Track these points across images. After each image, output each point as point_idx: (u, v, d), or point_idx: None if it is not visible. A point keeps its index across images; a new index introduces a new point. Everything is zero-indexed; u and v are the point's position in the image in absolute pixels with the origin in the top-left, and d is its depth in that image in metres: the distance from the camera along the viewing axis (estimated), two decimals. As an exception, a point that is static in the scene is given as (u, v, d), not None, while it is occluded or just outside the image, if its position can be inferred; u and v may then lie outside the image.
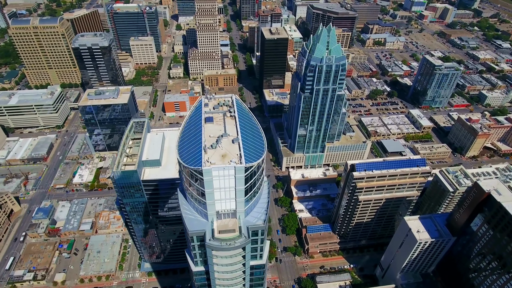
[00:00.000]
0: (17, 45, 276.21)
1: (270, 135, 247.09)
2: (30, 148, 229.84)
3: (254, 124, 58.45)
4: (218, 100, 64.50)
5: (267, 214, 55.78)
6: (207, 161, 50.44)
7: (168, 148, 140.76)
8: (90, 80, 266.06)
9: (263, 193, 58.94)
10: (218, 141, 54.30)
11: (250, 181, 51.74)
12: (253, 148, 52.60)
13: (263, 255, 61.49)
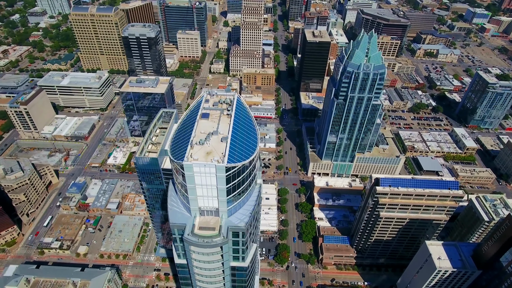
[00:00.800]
0: (75, 31, 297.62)
1: (301, 138, 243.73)
2: (74, 126, 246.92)
3: (250, 125, 57.72)
4: (220, 97, 64.57)
5: (251, 217, 54.84)
6: (191, 156, 50.83)
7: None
8: (135, 68, 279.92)
9: (252, 195, 58.07)
10: (207, 138, 54.41)
11: (233, 181, 51.22)
12: (241, 149, 51.89)
13: (246, 258, 60.60)
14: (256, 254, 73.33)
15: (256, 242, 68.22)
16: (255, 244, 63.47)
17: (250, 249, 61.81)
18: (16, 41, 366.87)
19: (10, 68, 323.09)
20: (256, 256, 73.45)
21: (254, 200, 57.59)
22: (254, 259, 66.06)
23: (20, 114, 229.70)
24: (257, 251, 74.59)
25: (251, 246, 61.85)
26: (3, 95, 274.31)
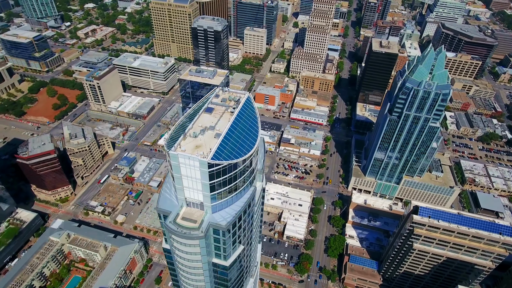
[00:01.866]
0: (153, 18, 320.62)
1: (349, 150, 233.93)
2: (136, 105, 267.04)
3: (251, 127, 56.57)
4: (230, 94, 64.47)
5: (235, 218, 54.14)
6: (179, 147, 51.71)
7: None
8: (199, 59, 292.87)
9: (243, 196, 57.21)
10: (202, 131, 54.83)
11: (218, 178, 50.84)
12: (233, 148, 51.30)
13: (228, 257, 60.16)
14: (250, 256, 72.40)
15: (251, 244, 67.34)
16: (242, 246, 62.62)
17: (235, 249, 61.26)
18: (104, 22, 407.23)
19: (95, 45, 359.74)
20: (250, 258, 72.48)
21: (244, 201, 56.70)
22: (241, 260, 65.33)
23: (93, 87, 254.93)
24: (253, 253, 73.69)
25: (236, 247, 61.25)
26: (84, 69, 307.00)
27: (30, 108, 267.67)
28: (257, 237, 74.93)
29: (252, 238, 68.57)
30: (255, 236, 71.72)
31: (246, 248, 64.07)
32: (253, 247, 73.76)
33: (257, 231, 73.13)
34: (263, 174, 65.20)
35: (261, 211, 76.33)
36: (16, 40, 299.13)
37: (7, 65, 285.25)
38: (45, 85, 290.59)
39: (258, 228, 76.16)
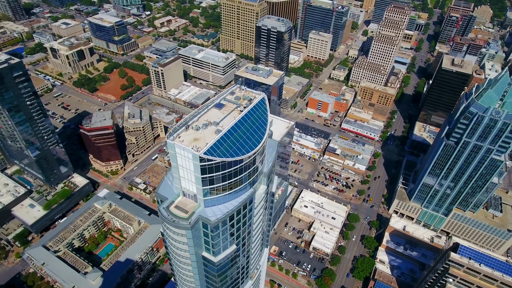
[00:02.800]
0: (222, 13, 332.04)
1: (397, 171, 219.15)
2: (193, 95, 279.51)
3: (258, 129, 55.20)
4: (245, 92, 63.76)
5: (225, 216, 53.63)
6: (178, 137, 52.65)
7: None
8: (260, 57, 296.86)
9: (239, 197, 56.51)
10: (205, 126, 55.09)
11: (210, 173, 50.65)
12: (230, 146, 50.86)
13: (217, 254, 60.04)
14: (249, 258, 71.25)
15: (249, 246, 66.12)
16: (235, 246, 62.00)
17: (226, 248, 60.97)
18: (179, 14, 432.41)
19: (168, 35, 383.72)
20: (248, 260, 71.42)
21: (239, 201, 56.04)
22: (234, 259, 64.78)
23: (157, 73, 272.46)
24: (253, 256, 72.46)
25: (227, 246, 60.92)
26: (154, 55, 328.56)
27: (102, 86, 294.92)
28: (260, 241, 73.84)
29: (251, 240, 67.77)
30: (257, 239, 70.84)
31: (240, 248, 63.70)
32: (254, 250, 73.00)
33: (260, 235, 72.08)
34: (271, 178, 64.08)
35: (269, 215, 75.18)
36: (101, 24, 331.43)
37: (90, 45, 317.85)
38: (118, 66, 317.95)
39: (263, 232, 74.91)
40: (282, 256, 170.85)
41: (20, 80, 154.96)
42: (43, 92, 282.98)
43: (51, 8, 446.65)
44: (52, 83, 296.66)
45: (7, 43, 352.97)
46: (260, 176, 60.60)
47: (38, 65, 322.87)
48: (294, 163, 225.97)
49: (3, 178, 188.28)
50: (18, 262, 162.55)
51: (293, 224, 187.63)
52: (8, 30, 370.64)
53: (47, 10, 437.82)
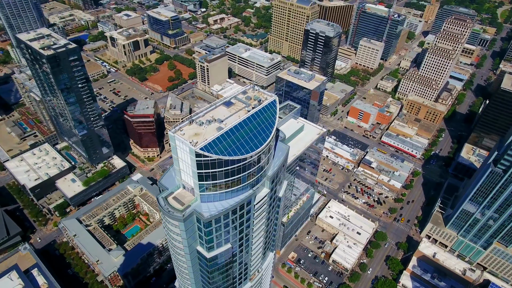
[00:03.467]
0: (273, 14, 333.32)
1: (436, 193, 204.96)
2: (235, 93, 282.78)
3: (263, 131, 54.08)
4: (257, 93, 62.71)
5: (219, 213, 53.48)
6: (180, 130, 53.33)
7: (298, 139, 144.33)
8: (305, 60, 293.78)
9: (236, 197, 55.97)
10: (208, 122, 55.17)
11: (206, 169, 50.62)
12: (229, 145, 50.50)
13: (211, 250, 60.05)
14: (248, 259, 70.50)
15: (248, 247, 65.41)
16: (229, 245, 61.66)
17: (220, 245, 60.85)
18: (233, 13, 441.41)
19: (219, 32, 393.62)
20: (247, 261, 70.69)
21: (236, 201, 55.53)
22: (230, 258, 64.52)
23: (203, 68, 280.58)
24: (255, 258, 71.62)
25: (222, 243, 60.81)
26: (203, 51, 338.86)
27: (152, 76, 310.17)
28: (261, 244, 72.80)
29: (249, 242, 67.12)
30: (258, 242, 70.07)
31: (235, 248, 63.39)
32: (255, 252, 72.35)
33: (262, 238, 71.11)
34: (276, 182, 62.94)
35: (275, 220, 73.98)
36: (157, 17, 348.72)
37: (145, 37, 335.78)
38: (168, 59, 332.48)
39: (267, 236, 73.74)
40: (300, 264, 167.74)
41: (75, 64, 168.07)
42: (99, 77, 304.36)
43: (117, 0, 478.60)
44: (108, 69, 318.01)
45: (75, 29, 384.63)
46: (263, 179, 59.93)
47: (98, 52, 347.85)
48: (326, 172, 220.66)
49: (53, 152, 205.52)
50: (54, 230, 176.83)
51: (316, 233, 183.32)
52: (77, 18, 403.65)
53: (113, 1, 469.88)
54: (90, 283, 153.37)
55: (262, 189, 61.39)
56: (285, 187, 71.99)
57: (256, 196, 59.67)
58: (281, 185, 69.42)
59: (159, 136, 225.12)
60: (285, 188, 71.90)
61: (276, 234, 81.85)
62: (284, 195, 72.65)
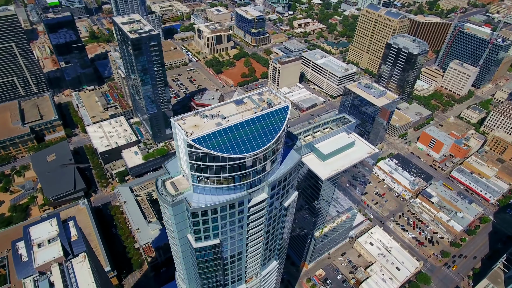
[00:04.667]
0: (358, 25, 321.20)
1: (504, 248, 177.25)
2: (302, 98, 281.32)
3: (265, 134, 52.24)
4: (273, 96, 60.63)
5: (208, 208, 53.64)
6: (182, 119, 54.51)
7: (345, 154, 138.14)
8: (382, 75, 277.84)
9: (228, 195, 55.51)
10: (211, 116, 55.26)
11: (197, 161, 50.83)
12: (224, 143, 50.17)
13: (198, 241, 60.44)
14: (241, 261, 69.53)
15: (241, 247, 64.52)
16: (218, 240, 61.47)
17: (208, 239, 61.10)
18: (319, 19, 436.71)
19: (301, 36, 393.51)
20: (241, 262, 69.87)
21: (227, 199, 55.14)
22: (219, 254, 64.58)
23: (275, 69, 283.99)
24: (251, 260, 70.31)
25: (210, 237, 61.02)
26: (281, 53, 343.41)
27: (227, 70, 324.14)
28: (260, 250, 71.19)
29: (242, 243, 66.19)
30: (255, 247, 68.92)
31: (225, 245, 63.16)
32: (252, 256, 71.31)
33: (261, 244, 69.62)
34: (278, 190, 60.92)
35: (280, 229, 71.84)
36: (244, 15, 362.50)
37: (229, 32, 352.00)
38: (246, 56, 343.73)
39: (268, 243, 71.87)
40: (326, 284, 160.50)
41: (154, 49, 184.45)
42: (181, 64, 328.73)
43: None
44: (190, 58, 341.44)
45: (171, 19, 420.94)
46: (262, 184, 58.82)
47: (186, 42, 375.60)
48: (378, 195, 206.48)
49: (125, 125, 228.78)
50: (111, 193, 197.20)
51: (351, 256, 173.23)
52: (175, 8, 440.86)
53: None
54: (128, 247, 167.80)
55: (260, 194, 60.44)
56: (295, 198, 69.63)
57: (251, 199, 59.11)
58: (288, 194, 67.44)
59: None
60: (294, 199, 69.57)
61: (283, 244, 79.66)
62: (292, 205, 70.41)
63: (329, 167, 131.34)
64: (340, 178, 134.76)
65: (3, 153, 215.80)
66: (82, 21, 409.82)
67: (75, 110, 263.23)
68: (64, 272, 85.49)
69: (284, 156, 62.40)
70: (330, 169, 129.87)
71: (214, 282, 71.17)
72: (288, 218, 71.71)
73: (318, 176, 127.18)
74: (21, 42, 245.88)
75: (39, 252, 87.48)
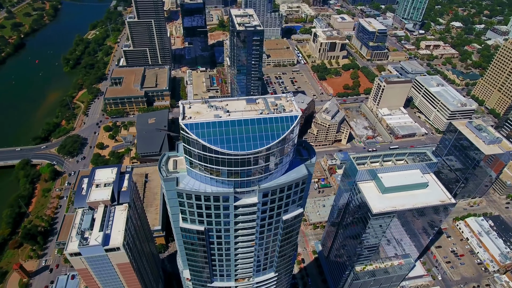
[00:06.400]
0: (497, 56, 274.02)
1: None
2: (400, 124, 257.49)
3: (257, 138, 49.50)
4: (287, 103, 56.21)
5: (192, 194, 54.61)
6: (189, 104, 55.87)
7: (411, 194, 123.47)
8: (509, 120, 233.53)
9: (214, 186, 55.45)
10: (215, 108, 54.81)
11: (187, 144, 51.47)
12: (215, 134, 49.73)
13: (184, 222, 61.66)
14: (230, 256, 68.43)
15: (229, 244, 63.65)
16: (202, 227, 61.94)
17: (194, 222, 61.60)
18: (453, 44, 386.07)
19: (424, 59, 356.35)
20: (229, 258, 68.89)
21: (212, 190, 54.19)
22: (201, 240, 65.21)
23: (379, 87, 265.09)
24: (241, 260, 68.95)
25: (196, 221, 61.53)
26: (395, 71, 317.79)
27: (331, 79, 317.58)
28: (251, 254, 68.83)
29: (230, 239, 65.08)
30: (244, 250, 67.31)
31: (208, 234, 63.16)
32: (240, 257, 70.05)
33: (252, 248, 67.63)
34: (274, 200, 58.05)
35: (278, 241, 68.26)
36: (366, 27, 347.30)
37: (344, 41, 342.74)
38: (355, 68, 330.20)
39: (260, 251, 69.28)
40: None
41: (256, 44, 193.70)
42: (288, 64, 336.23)
43: (343, 3, 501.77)
44: (299, 60, 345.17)
45: (294, 19, 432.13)
46: (252, 187, 57.12)
47: (301, 44, 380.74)
48: (455, 254, 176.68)
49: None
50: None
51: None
52: (301, 10, 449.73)
53: (339, 3, 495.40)
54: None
55: (251, 197, 58.82)
56: (298, 215, 65.53)
57: (239, 199, 58.16)
58: (287, 208, 64.10)
59: (301, 132, 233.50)
60: (296, 215, 65.60)
61: (284, 258, 75.85)
62: (294, 222, 66.68)
63: (386, 202, 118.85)
64: (396, 218, 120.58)
65: (120, 108, 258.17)
66: (217, 10, 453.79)
67: (185, 85, 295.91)
68: (106, 214, 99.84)
69: (292, 167, 59.58)
70: (385, 204, 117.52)
71: (201, 268, 73.30)
72: (288, 234, 68.42)
73: (369, 207, 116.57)
74: (159, 20, 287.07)
75: (94, 191, 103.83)
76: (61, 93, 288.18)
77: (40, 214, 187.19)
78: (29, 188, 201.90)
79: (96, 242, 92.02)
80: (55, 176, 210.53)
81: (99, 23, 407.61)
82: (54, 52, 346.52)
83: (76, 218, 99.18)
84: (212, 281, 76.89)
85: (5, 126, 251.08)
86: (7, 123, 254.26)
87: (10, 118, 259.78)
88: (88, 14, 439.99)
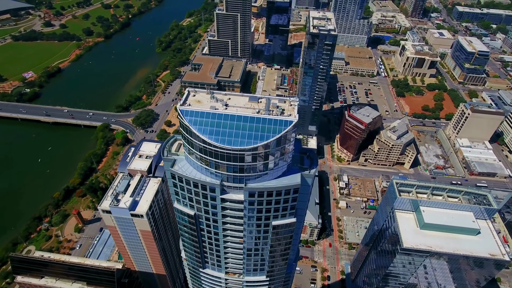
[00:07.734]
0: None
1: None
2: (481, 160, 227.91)
3: (247, 137, 47.97)
4: (289, 107, 52.77)
5: (183, 178, 57.43)
6: (195, 91, 56.62)
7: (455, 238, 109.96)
8: None
9: (203, 174, 56.04)
10: (217, 100, 54.35)
11: (184, 130, 52.93)
12: (202, 124, 50.71)
13: (178, 203, 63.61)
14: (219, 247, 68.41)
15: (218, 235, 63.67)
16: (192, 211, 62.88)
17: (185, 206, 63.06)
18: None
19: None
20: (219, 249, 69.05)
21: (201, 179, 54.72)
22: (192, 223, 66.48)
23: (462, 114, 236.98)
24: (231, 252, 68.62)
25: (187, 205, 63.16)
26: (491, 101, 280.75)
27: (410, 96, 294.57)
28: (240, 250, 67.93)
29: (218, 229, 64.70)
30: (234, 245, 66.63)
31: (198, 219, 64.18)
32: (231, 250, 69.56)
33: (241, 245, 66.68)
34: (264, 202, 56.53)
35: (268, 245, 66.59)
36: (464, 46, 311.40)
37: (435, 59, 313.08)
38: (442, 89, 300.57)
39: (250, 250, 67.75)
40: None
41: (326, 48, 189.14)
42: (367, 74, 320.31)
43: (447, 18, 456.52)
44: (380, 71, 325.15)
45: (385, 29, 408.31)
46: (239, 183, 56.31)
47: (387, 55, 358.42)
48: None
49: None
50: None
51: None
52: (396, 21, 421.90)
53: (441, 18, 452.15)
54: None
55: (238, 193, 58.06)
56: (290, 224, 62.83)
57: (226, 192, 58.05)
58: (278, 214, 62.05)
59: (362, 146, 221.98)
60: (288, 224, 63.01)
61: (276, 264, 73.47)
62: (285, 231, 64.29)
63: (422, 239, 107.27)
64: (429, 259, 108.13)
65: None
66: (306, 11, 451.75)
67: (257, 80, 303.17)
68: (140, 183, 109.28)
69: (287, 174, 57.46)
70: (420, 241, 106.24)
71: (193, 252, 75.54)
72: (279, 240, 66.33)
73: (399, 239, 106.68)
74: (245, 14, 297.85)
75: (136, 161, 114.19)
76: (148, 71, 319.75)
77: (105, 172, 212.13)
78: (103, 148, 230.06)
79: (125, 206, 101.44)
80: (125, 142, 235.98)
81: (195, 12, 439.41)
82: (153, 34, 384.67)
83: (116, 180, 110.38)
84: (204, 267, 79.15)
85: (98, 93, 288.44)
86: (100, 90, 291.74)
87: (102, 86, 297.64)
88: (190, 2, 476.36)
